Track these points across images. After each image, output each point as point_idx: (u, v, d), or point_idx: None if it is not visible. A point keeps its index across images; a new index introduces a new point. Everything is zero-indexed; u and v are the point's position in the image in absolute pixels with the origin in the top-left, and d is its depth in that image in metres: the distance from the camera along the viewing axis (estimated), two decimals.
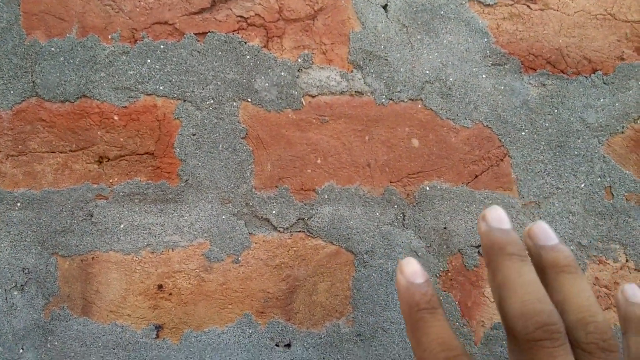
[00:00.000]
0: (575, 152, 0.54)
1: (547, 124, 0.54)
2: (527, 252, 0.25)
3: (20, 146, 0.53)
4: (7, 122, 0.53)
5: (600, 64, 0.54)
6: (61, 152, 0.54)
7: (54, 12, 0.53)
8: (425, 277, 0.26)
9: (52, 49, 0.53)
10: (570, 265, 0.24)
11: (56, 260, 0.54)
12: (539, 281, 0.24)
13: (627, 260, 0.55)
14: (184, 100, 0.54)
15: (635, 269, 0.55)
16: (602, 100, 0.54)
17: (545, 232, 0.25)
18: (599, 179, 0.54)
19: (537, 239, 0.25)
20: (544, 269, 0.25)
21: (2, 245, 0.53)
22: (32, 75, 0.53)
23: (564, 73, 0.54)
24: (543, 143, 0.54)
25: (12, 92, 0.53)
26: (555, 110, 0.54)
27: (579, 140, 0.54)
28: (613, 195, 0.54)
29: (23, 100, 0.53)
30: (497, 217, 0.25)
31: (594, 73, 0.54)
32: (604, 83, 0.54)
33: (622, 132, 0.54)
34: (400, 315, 0.55)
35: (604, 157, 0.54)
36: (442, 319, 0.24)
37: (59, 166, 0.54)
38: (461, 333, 0.55)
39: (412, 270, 0.26)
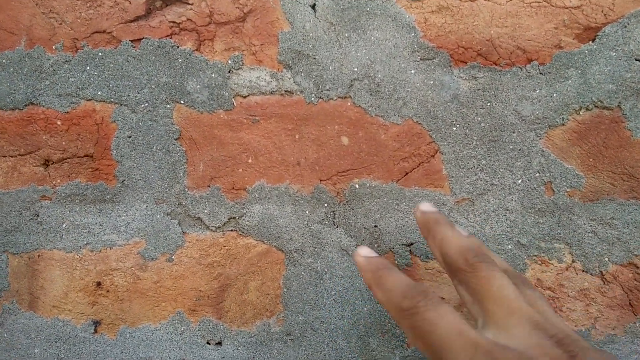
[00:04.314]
0: (511, 147, 0.52)
1: (479, 118, 0.52)
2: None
3: None
4: None
5: (536, 54, 0.51)
6: (11, 156, 0.57)
7: (5, 27, 0.57)
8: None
9: (4, 61, 0.57)
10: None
11: (7, 257, 0.57)
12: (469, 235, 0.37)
13: (573, 261, 0.52)
14: (120, 104, 0.56)
15: (582, 271, 0.51)
16: (538, 91, 0.51)
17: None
18: (537, 174, 0.52)
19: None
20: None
21: None
22: None
23: (496, 65, 0.52)
24: (476, 138, 0.52)
25: None
26: (488, 104, 0.52)
27: (514, 134, 0.52)
28: (554, 191, 0.51)
29: None
30: (427, 206, 0.41)
31: (529, 63, 0.51)
32: (540, 73, 0.51)
33: (563, 125, 0.51)
34: (330, 315, 0.54)
35: (543, 151, 0.51)
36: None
37: (9, 169, 0.57)
38: (393, 335, 0.54)
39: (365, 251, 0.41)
